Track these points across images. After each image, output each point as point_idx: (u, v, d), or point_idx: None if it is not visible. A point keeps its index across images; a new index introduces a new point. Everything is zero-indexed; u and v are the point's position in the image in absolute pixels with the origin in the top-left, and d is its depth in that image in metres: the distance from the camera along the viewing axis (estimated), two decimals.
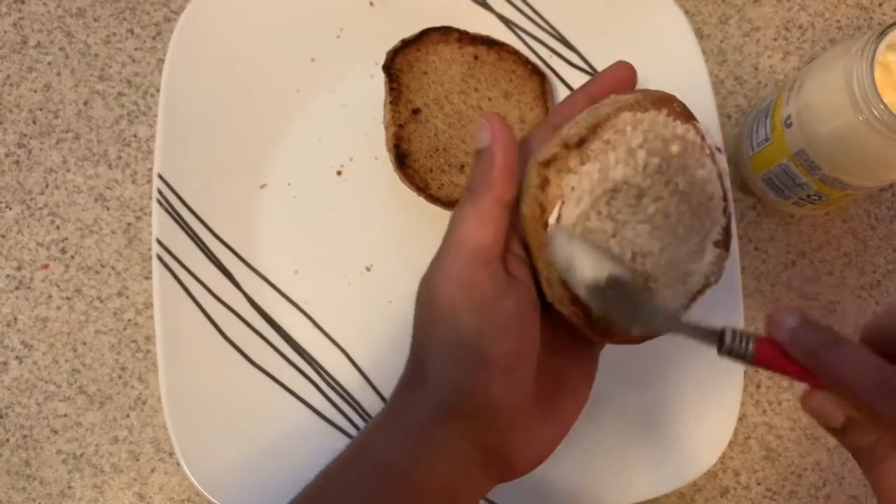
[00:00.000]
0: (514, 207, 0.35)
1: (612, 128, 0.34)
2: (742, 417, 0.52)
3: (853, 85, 0.42)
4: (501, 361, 0.31)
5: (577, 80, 0.53)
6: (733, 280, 0.50)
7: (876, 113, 0.41)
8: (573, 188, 0.34)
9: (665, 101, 0.36)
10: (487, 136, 0.34)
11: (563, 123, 0.36)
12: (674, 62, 0.53)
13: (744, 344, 0.31)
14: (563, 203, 0.34)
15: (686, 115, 0.37)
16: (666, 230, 0.36)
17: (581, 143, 0.34)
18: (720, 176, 0.37)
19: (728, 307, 0.50)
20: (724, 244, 0.38)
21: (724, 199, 0.37)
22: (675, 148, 0.35)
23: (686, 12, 0.54)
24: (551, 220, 0.34)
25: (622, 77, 0.38)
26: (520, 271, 0.34)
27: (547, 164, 0.34)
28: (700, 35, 0.56)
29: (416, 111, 0.50)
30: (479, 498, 0.34)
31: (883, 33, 0.41)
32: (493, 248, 0.32)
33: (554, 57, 0.53)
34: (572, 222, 0.34)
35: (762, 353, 0.31)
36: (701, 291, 0.38)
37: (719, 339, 0.31)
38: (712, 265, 0.38)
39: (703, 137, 0.37)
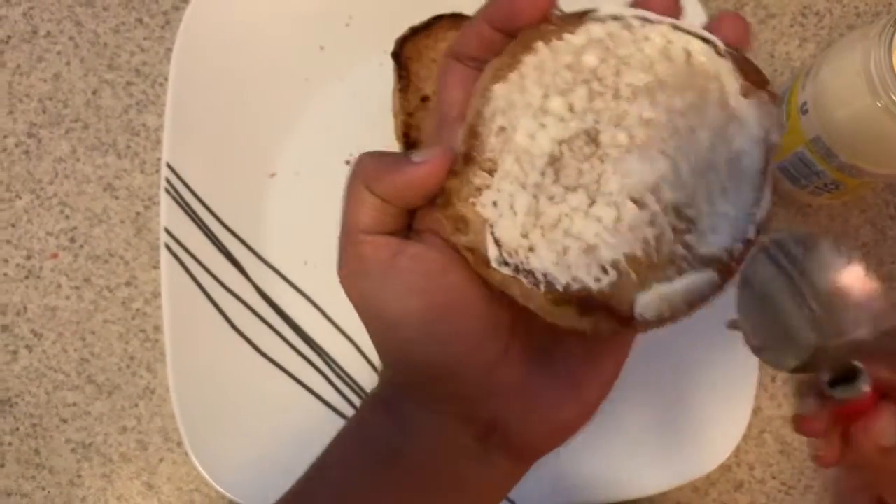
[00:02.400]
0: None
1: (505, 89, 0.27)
2: (757, 410, 0.52)
3: (871, 69, 0.41)
4: (418, 319, 0.28)
5: None
6: None
7: (894, 98, 0.40)
8: (495, 203, 0.27)
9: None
10: (428, 159, 0.27)
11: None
12: None
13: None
14: (491, 227, 0.27)
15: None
16: (660, 134, 0.27)
17: (468, 154, 0.27)
18: (675, 25, 0.28)
19: None
20: (756, 83, 0.28)
21: (710, 42, 0.28)
22: (591, 57, 0.27)
23: None
24: (492, 255, 0.27)
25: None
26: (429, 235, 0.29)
27: (446, 204, 0.27)
28: None
29: (425, 99, 0.50)
30: (500, 473, 0.31)
31: None
32: (370, 220, 0.28)
33: None
34: (520, 235, 0.27)
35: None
36: (768, 159, 0.28)
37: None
38: (760, 122, 0.28)
39: (615, 16, 0.28)
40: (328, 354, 0.50)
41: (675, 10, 0.28)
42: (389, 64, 0.50)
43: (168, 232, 0.49)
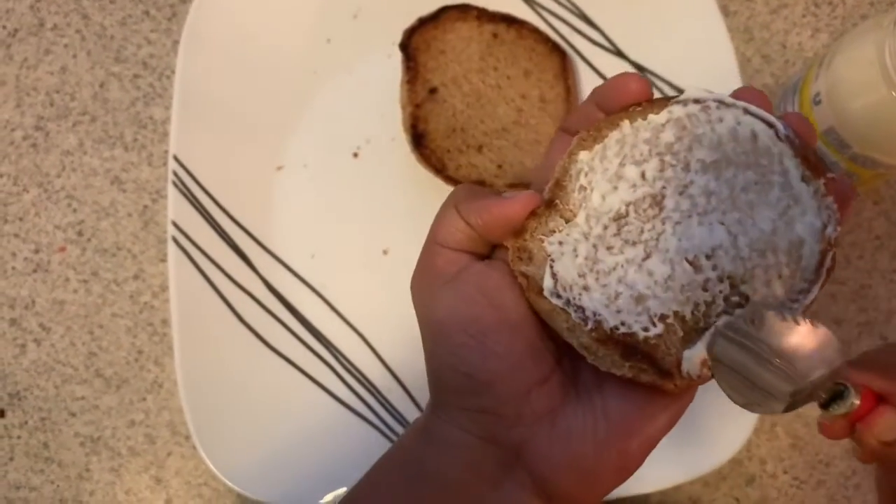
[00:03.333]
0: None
1: (583, 161, 0.30)
2: None
3: (885, 59, 0.41)
4: (467, 327, 0.29)
5: (599, 57, 0.52)
6: None
7: None
8: (560, 242, 0.30)
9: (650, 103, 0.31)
10: (517, 198, 0.30)
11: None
12: (699, 40, 0.52)
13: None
14: (552, 261, 0.29)
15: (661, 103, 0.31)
16: (721, 207, 0.29)
17: (551, 201, 0.30)
18: (747, 109, 0.30)
19: None
20: (815, 172, 0.29)
21: (773, 127, 0.29)
22: (668, 134, 0.30)
23: None
24: (546, 285, 0.29)
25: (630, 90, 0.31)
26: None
27: (517, 236, 0.30)
28: (726, 12, 0.55)
29: (433, 91, 0.49)
30: None
31: None
32: (450, 237, 0.31)
33: (575, 34, 0.52)
34: (577, 275, 0.29)
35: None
36: (825, 253, 0.28)
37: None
38: (818, 212, 0.28)
39: (696, 100, 0.30)
40: (336, 347, 0.50)
41: (765, 103, 0.30)
42: (397, 55, 0.50)
43: (176, 225, 0.48)
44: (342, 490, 0.47)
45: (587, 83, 0.52)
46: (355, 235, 0.51)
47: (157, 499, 0.50)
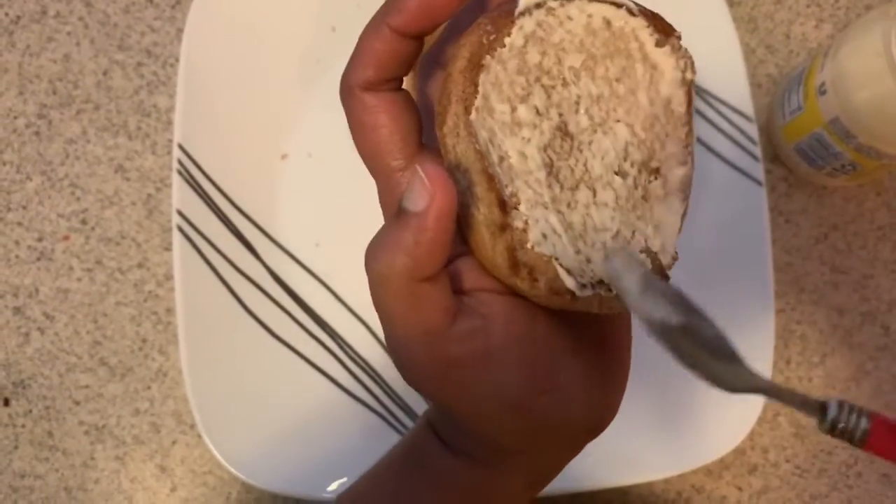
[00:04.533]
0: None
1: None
2: None
3: (892, 49, 0.41)
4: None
5: None
6: (763, 253, 0.49)
7: None
8: (544, 235, 0.28)
9: None
10: (424, 197, 0.24)
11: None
12: (703, 29, 0.51)
13: (854, 420, 0.25)
14: (555, 259, 0.28)
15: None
16: (610, 104, 0.30)
17: (500, 201, 0.28)
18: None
19: (758, 281, 0.49)
20: (665, 33, 0.31)
21: (621, 6, 0.30)
22: (533, 53, 0.29)
23: None
24: (572, 286, 0.28)
25: None
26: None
27: (513, 265, 0.28)
28: (730, 2, 0.55)
29: None
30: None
31: None
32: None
33: None
34: (574, 254, 0.28)
35: (879, 435, 0.25)
36: (689, 94, 0.31)
37: (821, 412, 0.25)
38: (676, 66, 0.31)
39: (537, 4, 0.29)
40: (340, 336, 0.50)
41: None
42: None
43: (180, 214, 0.48)
44: (346, 479, 0.47)
45: None
46: (360, 224, 0.51)
47: (162, 487, 0.50)
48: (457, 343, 0.26)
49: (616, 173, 0.30)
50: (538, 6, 0.30)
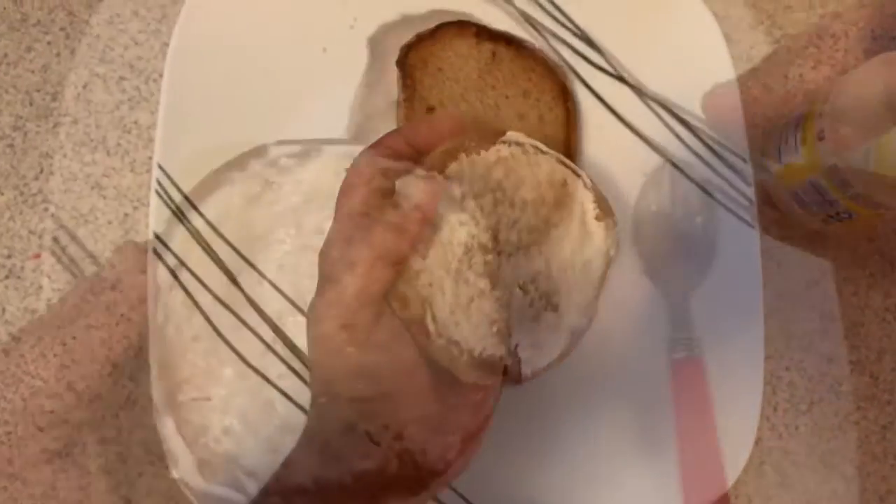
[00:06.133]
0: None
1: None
2: (757, 441, 0.50)
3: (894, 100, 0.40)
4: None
5: (599, 80, 0.51)
6: (755, 299, 0.48)
7: None
8: (430, 284, 0.33)
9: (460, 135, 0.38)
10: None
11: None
12: (701, 67, 0.51)
13: None
14: (430, 305, 0.33)
15: (485, 136, 0.39)
16: (539, 243, 0.37)
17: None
18: (559, 159, 0.39)
19: (749, 327, 0.48)
20: (605, 212, 0.39)
21: (580, 177, 0.39)
22: (498, 171, 0.36)
23: (715, 15, 0.52)
24: (430, 327, 0.33)
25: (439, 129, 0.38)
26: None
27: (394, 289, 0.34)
28: (728, 40, 0.54)
29: (430, 109, 0.48)
30: None
31: None
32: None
33: (576, 56, 0.51)
34: (449, 313, 0.33)
35: None
36: (606, 269, 0.40)
37: None
38: (605, 241, 0.39)
39: (518, 143, 0.38)
40: None
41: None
42: (393, 71, 0.49)
43: (157, 236, 0.47)
44: None
45: (586, 105, 0.50)
46: None
47: None
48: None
49: (520, 287, 0.36)
50: (518, 144, 0.38)
